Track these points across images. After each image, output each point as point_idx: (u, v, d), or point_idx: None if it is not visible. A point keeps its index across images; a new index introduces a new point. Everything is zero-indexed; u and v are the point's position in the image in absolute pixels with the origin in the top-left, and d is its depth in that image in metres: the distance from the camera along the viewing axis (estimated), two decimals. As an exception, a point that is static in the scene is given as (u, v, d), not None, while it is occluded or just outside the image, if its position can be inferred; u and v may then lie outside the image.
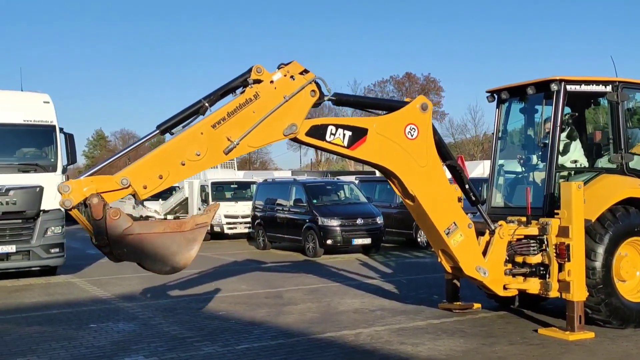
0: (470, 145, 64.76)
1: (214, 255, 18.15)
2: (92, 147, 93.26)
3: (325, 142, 7.17)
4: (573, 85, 8.78)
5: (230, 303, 10.55)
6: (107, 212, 5.72)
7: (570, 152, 9.23)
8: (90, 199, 5.74)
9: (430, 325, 8.63)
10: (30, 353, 7.51)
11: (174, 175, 6.26)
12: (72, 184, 5.76)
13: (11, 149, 14.01)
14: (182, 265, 5.97)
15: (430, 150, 7.75)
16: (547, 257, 8.11)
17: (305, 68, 7.01)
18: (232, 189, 23.64)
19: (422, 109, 7.68)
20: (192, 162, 6.31)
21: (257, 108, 6.62)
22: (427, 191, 7.77)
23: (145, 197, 6.22)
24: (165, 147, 6.45)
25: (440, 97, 71.57)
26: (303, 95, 6.91)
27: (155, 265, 5.98)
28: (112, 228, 5.73)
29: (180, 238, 5.96)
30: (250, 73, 6.73)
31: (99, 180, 5.95)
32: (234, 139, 6.47)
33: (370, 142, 7.36)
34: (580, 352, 7.15)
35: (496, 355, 7.05)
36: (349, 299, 10.77)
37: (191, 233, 5.99)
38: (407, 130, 7.57)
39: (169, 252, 5.91)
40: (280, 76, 6.83)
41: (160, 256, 5.92)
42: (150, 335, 8.32)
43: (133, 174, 6.06)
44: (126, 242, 5.81)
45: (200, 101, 6.57)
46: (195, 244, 6.00)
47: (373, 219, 17.96)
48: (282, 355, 7.23)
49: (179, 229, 6.00)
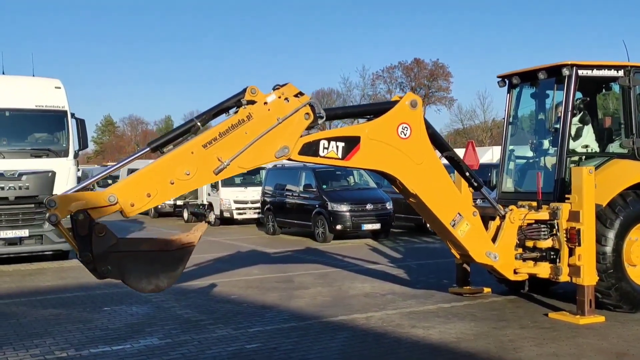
0: (479, 131, 64.59)
1: (224, 241, 18.27)
2: (100, 133, 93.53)
3: (319, 157, 7.09)
4: (585, 70, 8.77)
5: (242, 287, 10.65)
6: (93, 229, 5.72)
7: (582, 137, 9.22)
8: (77, 215, 5.72)
9: (440, 309, 8.70)
10: (46, 335, 7.63)
11: (162, 194, 6.23)
12: (59, 200, 5.72)
13: (23, 134, 14.10)
14: (166, 285, 5.91)
15: (426, 146, 7.69)
16: (557, 242, 8.15)
17: (300, 91, 6.93)
18: (241, 175, 23.63)
19: (411, 106, 7.53)
20: (181, 181, 6.26)
21: (249, 129, 6.56)
22: (427, 187, 7.74)
23: (133, 214, 6.19)
24: (155, 166, 6.41)
25: (449, 83, 71.26)
26: (297, 118, 6.82)
27: (139, 283, 5.91)
28: (97, 245, 5.72)
29: (165, 257, 5.91)
30: (244, 93, 6.66)
31: (86, 196, 5.94)
32: (225, 159, 6.39)
33: (364, 150, 7.27)
34: (590, 335, 7.20)
35: (507, 339, 7.11)
36: (359, 283, 10.85)
37: (177, 252, 5.94)
38: (400, 130, 7.46)
39: (154, 270, 5.86)
40: (274, 98, 6.75)
41: (145, 274, 5.87)
42: (163, 318, 8.43)
43: (121, 191, 6.04)
44: (111, 259, 5.78)
45: (192, 120, 6.54)
46: (181, 264, 5.94)
47: (382, 205, 18.01)
48: (295, 337, 7.32)
49: (165, 248, 5.96)
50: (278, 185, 20.44)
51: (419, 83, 70.75)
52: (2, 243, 13.30)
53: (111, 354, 6.83)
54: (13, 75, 14.66)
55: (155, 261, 5.90)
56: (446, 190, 7.93)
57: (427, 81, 70.86)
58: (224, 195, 22.99)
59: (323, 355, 6.60)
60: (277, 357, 6.55)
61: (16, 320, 8.51)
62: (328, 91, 72.58)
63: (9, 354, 6.85)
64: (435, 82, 70.89)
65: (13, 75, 14.66)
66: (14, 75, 14.66)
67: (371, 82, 72.32)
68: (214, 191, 23.40)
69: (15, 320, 8.46)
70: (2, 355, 6.81)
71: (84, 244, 5.76)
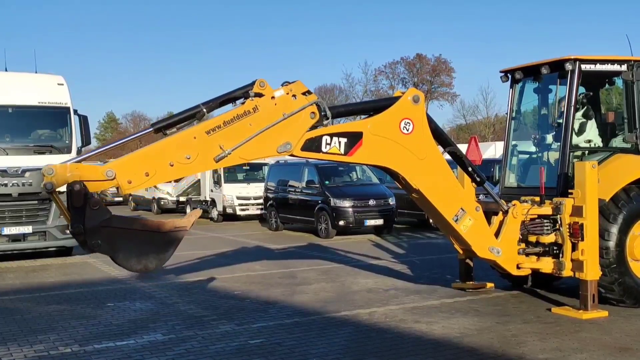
0: (481, 126, 64.49)
1: (227, 237, 18.30)
2: (103, 130, 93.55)
3: (321, 153, 7.12)
4: (588, 64, 8.75)
5: (245, 283, 10.67)
6: (88, 201, 5.71)
7: (585, 132, 9.21)
8: (73, 185, 5.73)
9: (443, 304, 8.70)
10: (50, 330, 7.65)
11: (160, 175, 6.27)
12: (57, 168, 5.76)
13: (26, 131, 14.12)
14: (155, 265, 5.91)
15: (428, 141, 7.69)
16: (560, 237, 8.14)
17: (308, 89, 6.97)
18: (244, 171, 23.69)
19: (414, 101, 7.55)
20: (181, 164, 6.29)
21: (254, 121, 6.60)
22: (430, 183, 7.75)
23: (129, 191, 6.22)
24: (156, 146, 6.45)
25: (452, 79, 71.03)
26: (302, 116, 6.87)
27: (127, 261, 5.88)
28: (90, 217, 5.70)
29: (157, 238, 5.88)
30: (252, 85, 6.71)
31: (84, 168, 5.96)
32: (227, 148, 6.44)
33: (366, 145, 7.28)
34: (594, 330, 7.20)
35: (510, 334, 7.11)
36: (362, 278, 10.86)
37: (169, 235, 5.91)
38: (402, 125, 7.47)
39: (144, 250, 5.84)
40: (282, 93, 6.80)
41: (135, 253, 5.85)
42: (167, 314, 8.44)
43: (119, 168, 6.07)
44: (102, 233, 5.75)
45: (198, 106, 6.57)
46: (172, 247, 5.92)
47: (385, 200, 18.02)
48: (298, 333, 7.33)
49: (157, 229, 5.93)
50: (281, 181, 20.46)
51: (421, 78, 70.63)
52: (5, 239, 13.34)
53: (115, 349, 6.84)
54: (16, 72, 14.67)
55: (147, 242, 5.87)
56: (449, 186, 7.93)
57: (430, 77, 70.73)
58: (226, 192, 23.03)
59: (326, 350, 6.61)
60: (281, 353, 6.56)
61: (20, 316, 8.53)
62: (330, 87, 72.45)
63: (13, 350, 6.87)
64: (437, 77, 70.76)
65: (16, 72, 14.67)
66: (16, 72, 14.67)
67: (373, 78, 72.17)
68: (216, 187, 23.44)
69: (19, 316, 8.49)
70: (7, 351, 6.83)
71: (77, 215, 5.74)
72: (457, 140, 49.36)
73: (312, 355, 6.45)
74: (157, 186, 28.29)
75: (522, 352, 6.42)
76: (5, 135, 13.69)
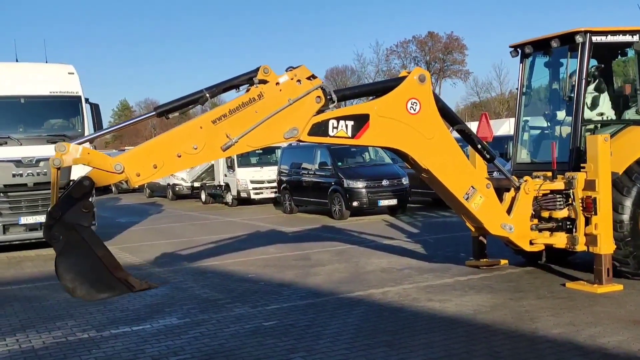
0: (495, 103, 64.05)
1: (241, 221, 18.38)
2: (117, 118, 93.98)
3: (329, 137, 7.10)
4: (599, 36, 8.63)
5: (259, 266, 10.72)
6: (83, 200, 5.68)
7: (597, 105, 9.11)
8: (84, 179, 5.75)
9: (457, 282, 8.70)
10: (68, 317, 7.76)
11: (168, 166, 6.27)
12: (70, 147, 5.71)
13: (39, 121, 14.21)
14: (80, 295, 5.66)
15: (436, 120, 7.64)
16: (573, 211, 8.09)
17: (312, 73, 6.91)
18: (257, 154, 23.70)
19: (419, 80, 7.49)
20: (189, 155, 6.28)
21: (259, 108, 6.57)
22: (439, 162, 7.71)
23: (138, 184, 6.21)
24: (163, 138, 6.47)
25: (464, 56, 70.60)
26: (308, 101, 6.82)
27: (64, 272, 5.64)
28: (72, 213, 5.64)
29: (104, 276, 5.69)
30: (256, 72, 6.66)
31: (95, 154, 5.96)
32: (233, 136, 6.42)
33: (374, 127, 7.24)
34: (608, 304, 7.17)
35: (524, 310, 7.11)
36: (376, 259, 10.88)
37: (116, 282, 5.73)
38: (409, 105, 7.42)
39: (85, 276, 5.65)
40: (286, 79, 6.76)
41: (76, 271, 5.64)
42: (182, 299, 8.52)
43: (127, 161, 6.07)
44: (69, 234, 5.66)
45: (201, 91, 6.55)
46: (108, 293, 5.73)
47: (399, 180, 17.97)
48: (311, 314, 7.37)
49: (111, 269, 5.73)
50: (294, 164, 20.46)
51: (433, 57, 70.16)
52: (23, 229, 13.49)
53: (131, 334, 6.93)
54: (27, 62, 14.75)
55: (94, 271, 5.67)
56: (458, 164, 7.89)
57: (442, 55, 70.24)
58: (240, 176, 23.07)
59: (340, 330, 6.64)
60: (295, 334, 6.60)
61: (38, 303, 8.65)
62: (342, 68, 72.26)
63: (32, 336, 6.98)
64: (450, 55, 70.26)
65: (27, 62, 14.75)
66: (27, 62, 14.75)
67: (385, 58, 71.90)
68: (230, 172, 23.50)
69: (37, 304, 8.61)
70: (26, 338, 6.95)
71: (65, 203, 5.69)
72: (471, 118, 49.08)
73: (325, 335, 6.49)
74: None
75: (536, 327, 6.41)
76: (18, 126, 13.79)
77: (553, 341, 5.97)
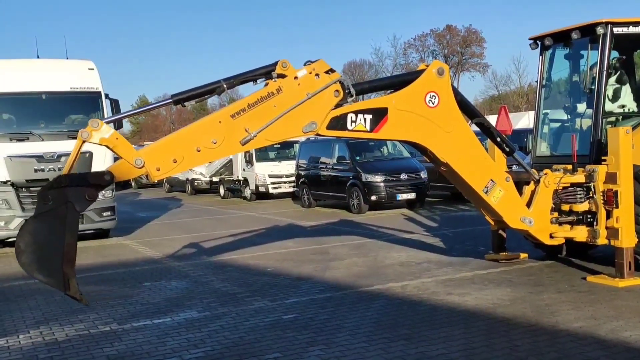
0: (514, 96, 63.58)
1: (259, 215, 18.44)
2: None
3: (347, 130, 7.07)
4: (620, 27, 8.52)
5: (278, 260, 10.77)
6: (93, 190, 5.80)
7: (619, 97, 9.01)
8: (106, 173, 5.91)
9: (476, 275, 8.67)
10: (90, 310, 7.83)
11: (188, 161, 6.30)
12: (102, 125, 5.90)
13: (60, 117, 14.36)
14: (22, 264, 5.61)
15: (455, 114, 7.59)
16: (594, 205, 8.02)
17: (331, 67, 6.89)
18: (275, 149, 23.74)
19: (438, 74, 7.44)
20: (208, 149, 6.32)
21: (278, 102, 6.57)
22: (458, 155, 7.68)
23: (158, 178, 6.26)
24: (182, 132, 6.53)
25: (483, 49, 70.04)
26: (326, 95, 6.81)
27: (27, 235, 5.62)
28: (73, 193, 5.68)
29: (52, 261, 5.62)
30: (275, 66, 6.66)
31: (122, 141, 6.03)
32: (252, 130, 6.43)
33: (392, 121, 7.21)
34: (630, 298, 7.11)
35: (544, 303, 7.07)
36: (395, 252, 10.87)
37: (58, 273, 5.64)
38: (428, 99, 7.38)
39: (39, 249, 5.62)
40: (305, 73, 6.74)
41: (35, 240, 5.61)
42: (202, 292, 8.58)
43: (147, 155, 6.14)
44: (58, 205, 5.63)
45: (219, 81, 6.56)
46: (45, 278, 5.67)
47: (417, 174, 17.92)
48: (330, 307, 7.39)
49: (64, 260, 5.64)
50: (312, 158, 20.48)
51: (451, 50, 69.73)
52: (44, 224, 13.62)
53: (152, 327, 7.00)
54: (47, 59, 14.91)
55: (49, 250, 5.63)
56: (477, 157, 7.85)
57: (460, 48, 69.76)
58: (258, 170, 23.14)
59: (359, 323, 6.65)
60: (313, 327, 6.63)
61: (61, 297, 8.70)
62: (360, 62, 72.08)
63: (55, 329, 7.08)
64: (468, 48, 69.75)
65: (47, 59, 14.91)
66: (48, 59, 14.90)
67: (403, 52, 71.57)
68: (248, 166, 23.57)
69: (60, 297, 8.67)
70: (49, 330, 7.05)
71: (76, 178, 5.82)
72: (490, 112, 48.76)
73: (344, 328, 6.51)
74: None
75: (556, 321, 6.38)
76: (40, 122, 13.96)
77: (574, 335, 5.94)
